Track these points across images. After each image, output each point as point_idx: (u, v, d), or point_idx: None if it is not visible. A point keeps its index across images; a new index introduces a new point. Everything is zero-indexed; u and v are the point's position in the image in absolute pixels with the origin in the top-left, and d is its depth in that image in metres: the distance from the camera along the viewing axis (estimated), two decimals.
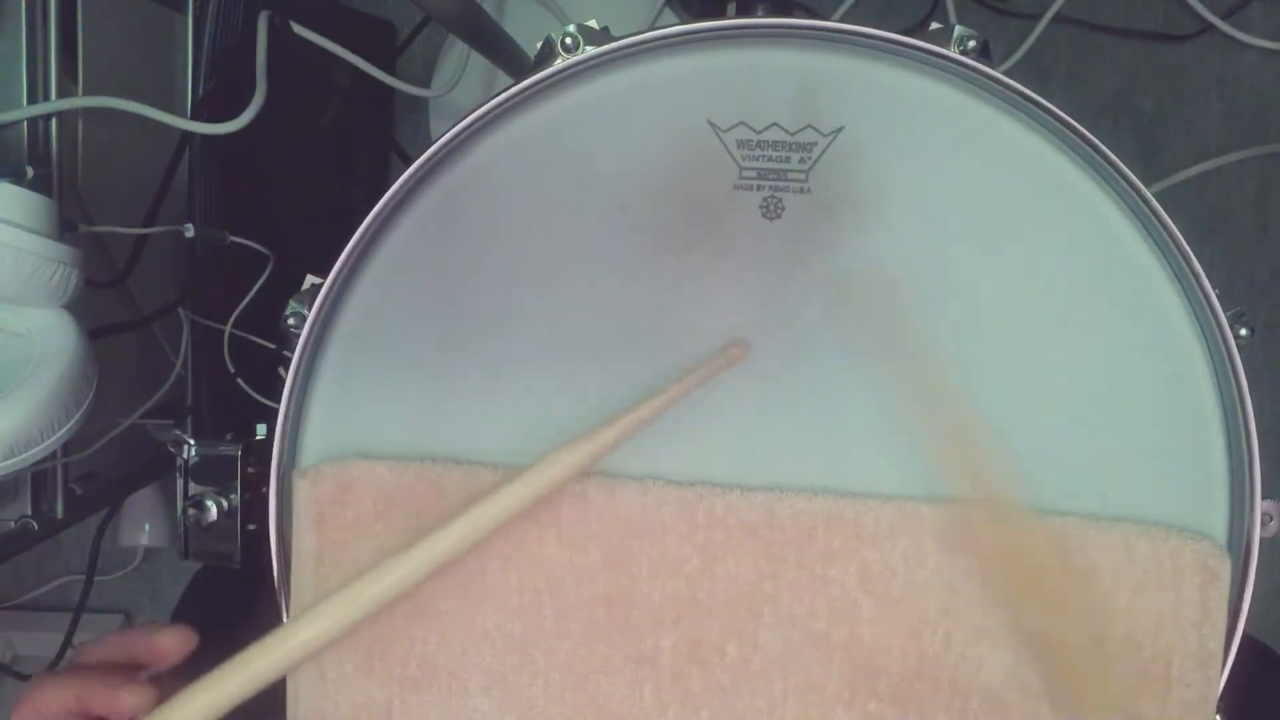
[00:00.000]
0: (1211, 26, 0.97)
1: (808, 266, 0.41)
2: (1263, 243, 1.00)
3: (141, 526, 1.06)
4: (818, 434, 0.40)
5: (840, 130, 0.40)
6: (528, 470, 0.38)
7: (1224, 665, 0.39)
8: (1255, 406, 0.38)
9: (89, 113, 0.65)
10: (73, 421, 0.50)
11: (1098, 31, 0.99)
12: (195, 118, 0.71)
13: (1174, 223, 0.38)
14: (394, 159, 1.01)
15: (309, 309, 0.41)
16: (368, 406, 0.42)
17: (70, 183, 0.65)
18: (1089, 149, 0.39)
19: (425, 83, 0.99)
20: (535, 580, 0.40)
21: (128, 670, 0.39)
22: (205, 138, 0.71)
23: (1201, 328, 0.40)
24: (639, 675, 0.40)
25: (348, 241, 0.40)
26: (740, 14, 0.52)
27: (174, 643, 0.39)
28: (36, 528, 0.65)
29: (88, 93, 0.65)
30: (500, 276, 0.41)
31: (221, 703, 0.35)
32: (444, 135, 0.40)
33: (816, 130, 0.40)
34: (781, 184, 0.41)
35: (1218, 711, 0.39)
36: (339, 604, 0.37)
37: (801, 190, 0.40)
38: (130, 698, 0.37)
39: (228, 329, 0.75)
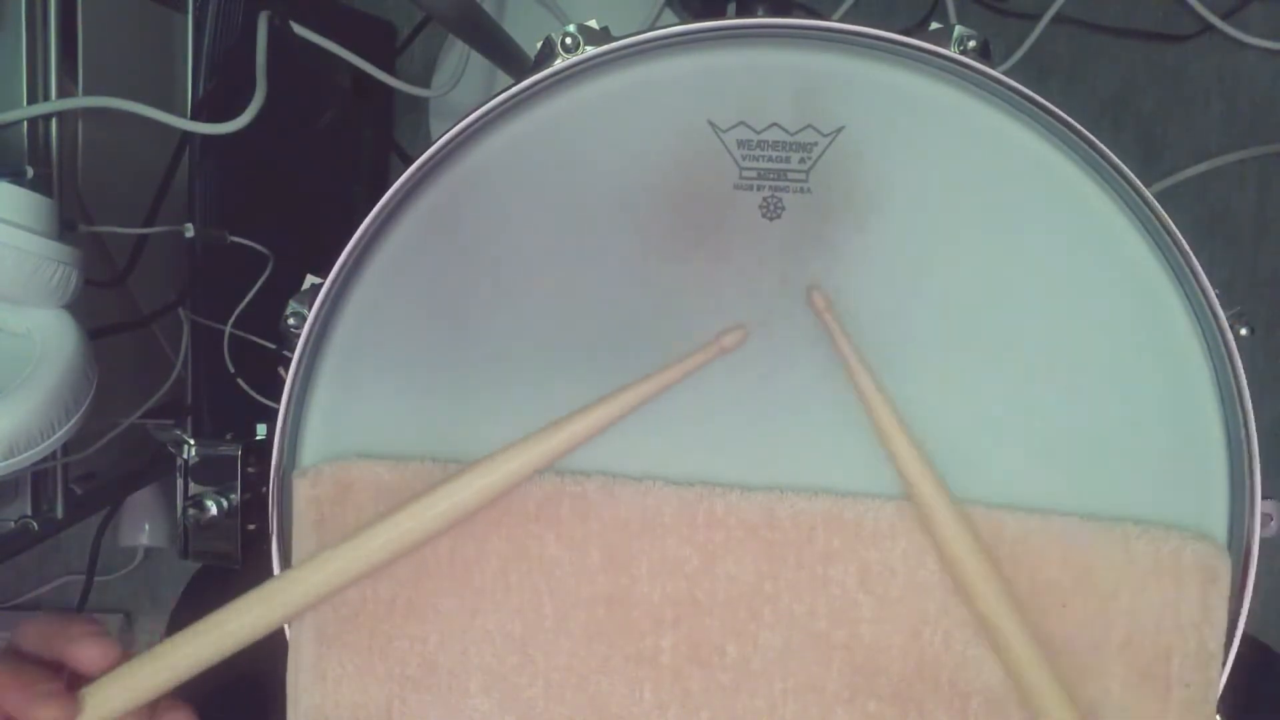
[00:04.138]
0: (1211, 26, 0.97)
1: (807, 267, 0.41)
2: (1263, 243, 1.00)
3: (141, 526, 1.06)
4: (818, 434, 0.40)
5: (840, 130, 0.40)
6: (522, 440, 0.39)
7: (1224, 665, 0.39)
8: (1255, 406, 0.38)
9: (89, 113, 0.65)
10: (73, 421, 0.50)
11: (1098, 31, 0.99)
12: (195, 118, 0.71)
13: (1174, 223, 0.38)
14: (394, 159, 1.01)
15: (309, 309, 0.41)
16: (368, 406, 0.42)
17: (70, 183, 0.65)
18: (1089, 149, 0.39)
19: (425, 83, 0.99)
20: (535, 580, 0.40)
21: (54, 669, 0.36)
22: (205, 138, 0.71)
23: (1201, 328, 0.40)
24: (639, 675, 0.40)
25: (348, 241, 0.40)
26: (740, 14, 0.52)
27: (96, 655, 0.36)
28: (36, 528, 0.65)
29: (88, 93, 0.65)
30: (500, 276, 0.41)
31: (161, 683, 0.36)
32: (444, 135, 0.40)
33: (816, 130, 0.40)
34: (781, 184, 0.41)
35: (1218, 711, 0.39)
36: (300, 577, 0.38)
37: (801, 190, 0.40)
38: (44, 713, 0.34)
39: (228, 329, 0.75)
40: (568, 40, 0.40)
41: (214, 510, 0.46)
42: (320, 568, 0.38)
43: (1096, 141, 0.38)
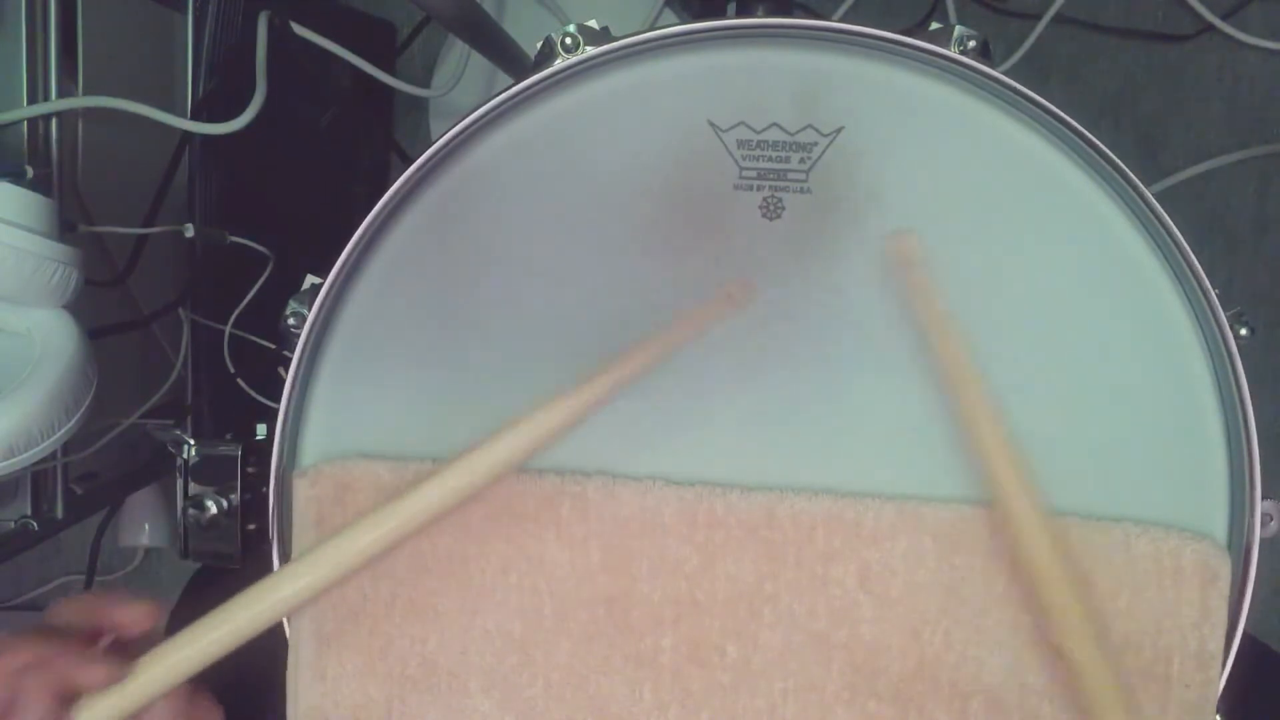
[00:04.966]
0: (1211, 26, 0.97)
1: (807, 266, 0.41)
2: (1263, 243, 1.00)
3: (141, 526, 1.06)
4: (818, 434, 0.40)
5: (840, 130, 0.40)
6: (517, 421, 0.39)
7: (1224, 665, 0.39)
8: (1255, 406, 0.38)
9: (89, 113, 0.65)
10: (73, 421, 0.50)
11: (1098, 31, 0.99)
12: (195, 118, 0.71)
13: (1174, 223, 0.38)
14: (394, 159, 1.01)
15: (309, 309, 0.41)
16: (368, 406, 0.42)
17: (70, 183, 0.65)
18: (1089, 149, 0.39)
19: (425, 83, 0.99)
20: (535, 580, 0.40)
21: (91, 637, 0.38)
22: (205, 138, 0.71)
23: (1201, 328, 0.40)
24: (639, 675, 0.40)
25: (348, 241, 0.40)
26: (740, 14, 0.52)
27: (138, 616, 0.38)
28: (36, 528, 0.65)
29: (88, 93, 0.65)
30: (500, 276, 0.41)
31: (197, 660, 0.36)
32: (444, 135, 0.40)
33: (816, 130, 0.40)
34: (781, 184, 0.40)
35: (1218, 711, 0.39)
36: (319, 555, 0.38)
37: (802, 190, 0.40)
38: (85, 675, 0.36)
39: (228, 329, 0.75)
40: (568, 40, 0.40)
41: (214, 510, 0.46)
42: (321, 557, 0.38)
43: (1096, 142, 0.38)
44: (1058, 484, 0.40)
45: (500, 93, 0.40)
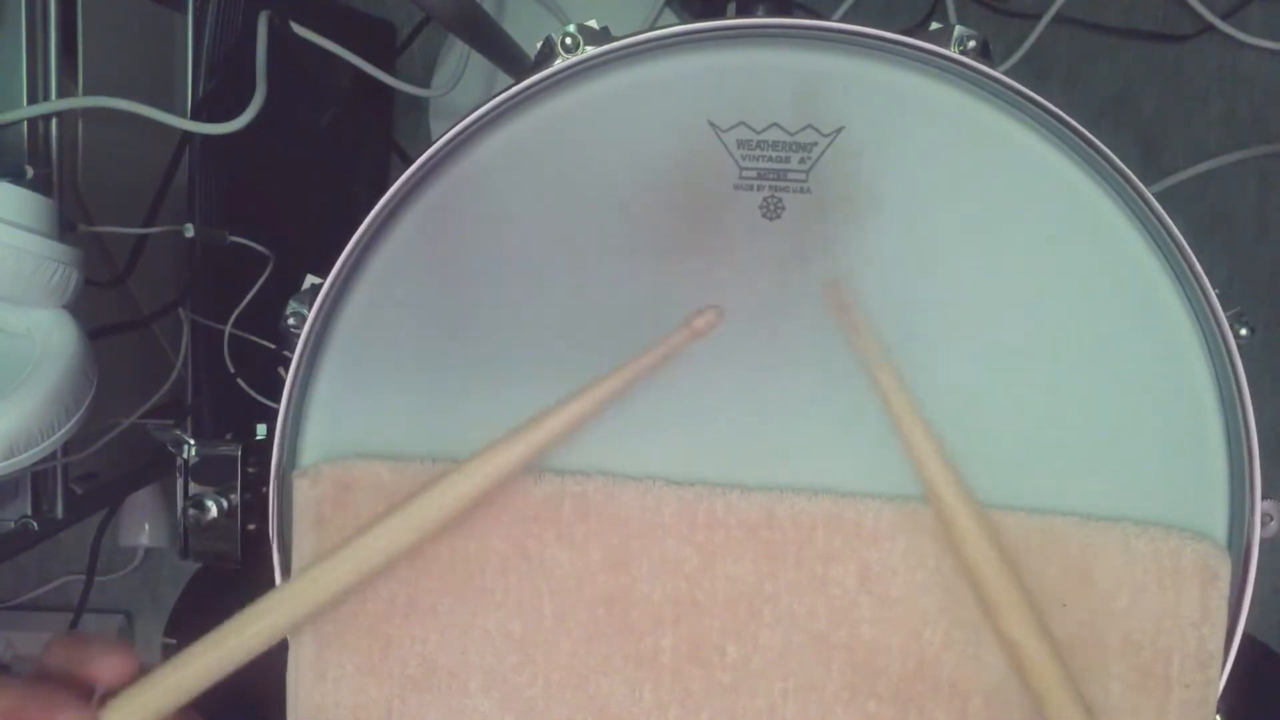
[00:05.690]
0: (1211, 26, 0.97)
1: (807, 267, 0.41)
2: (1263, 243, 1.00)
3: (141, 526, 1.06)
4: (818, 434, 0.40)
5: (840, 130, 0.40)
6: (508, 435, 0.39)
7: (1224, 665, 0.39)
8: (1255, 406, 0.38)
9: (89, 113, 0.65)
10: (73, 421, 0.50)
11: (1098, 31, 0.99)
12: (195, 118, 0.71)
13: (1174, 223, 0.38)
14: (394, 159, 1.01)
15: (309, 309, 0.41)
16: (368, 406, 0.42)
17: (70, 183, 0.65)
18: (1089, 149, 0.39)
19: (425, 83, 0.99)
20: (535, 580, 0.40)
21: (77, 683, 0.37)
22: (205, 138, 0.71)
23: (1201, 328, 0.40)
24: (639, 675, 0.40)
25: (348, 241, 0.40)
26: (740, 14, 0.52)
27: (115, 663, 0.37)
28: (36, 528, 0.65)
29: (88, 93, 0.65)
30: (500, 276, 0.41)
31: (192, 680, 0.36)
32: (444, 135, 0.40)
33: (816, 130, 0.40)
34: (781, 184, 0.41)
35: (1218, 711, 0.39)
36: (306, 581, 0.38)
37: (801, 190, 0.40)
38: (63, 715, 0.36)
39: (228, 329, 0.75)
40: (568, 40, 0.40)
41: (214, 510, 0.46)
42: (325, 573, 0.38)
43: (1096, 141, 0.38)
44: (1058, 483, 0.40)
45: (500, 93, 0.40)
